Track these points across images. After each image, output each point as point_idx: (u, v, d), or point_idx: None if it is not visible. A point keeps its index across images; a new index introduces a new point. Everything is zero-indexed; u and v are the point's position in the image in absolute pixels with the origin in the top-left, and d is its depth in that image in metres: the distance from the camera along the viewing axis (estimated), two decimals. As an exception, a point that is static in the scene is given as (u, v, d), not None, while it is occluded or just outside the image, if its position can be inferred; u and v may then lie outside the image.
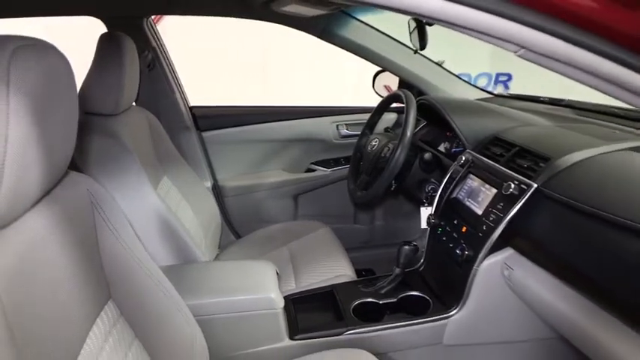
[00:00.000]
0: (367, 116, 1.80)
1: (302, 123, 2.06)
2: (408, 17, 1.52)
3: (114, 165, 1.26)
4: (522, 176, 1.14)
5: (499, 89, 4.54)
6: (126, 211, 1.22)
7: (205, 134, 1.98)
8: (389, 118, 2.05)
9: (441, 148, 1.69)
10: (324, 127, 2.07)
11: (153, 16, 1.77)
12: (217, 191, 2.02)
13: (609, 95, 0.56)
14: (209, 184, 1.99)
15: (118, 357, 0.84)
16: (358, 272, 1.57)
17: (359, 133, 1.81)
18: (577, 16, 0.42)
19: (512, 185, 1.12)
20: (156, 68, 1.76)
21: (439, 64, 1.94)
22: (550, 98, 1.77)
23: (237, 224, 2.07)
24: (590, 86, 0.56)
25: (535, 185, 1.08)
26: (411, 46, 1.74)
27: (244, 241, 1.91)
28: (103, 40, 1.30)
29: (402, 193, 2.05)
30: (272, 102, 2.13)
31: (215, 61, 4.21)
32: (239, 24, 1.81)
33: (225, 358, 1.15)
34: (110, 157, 1.26)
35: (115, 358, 0.83)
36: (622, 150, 1.13)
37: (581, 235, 0.98)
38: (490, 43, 0.48)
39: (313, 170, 2.13)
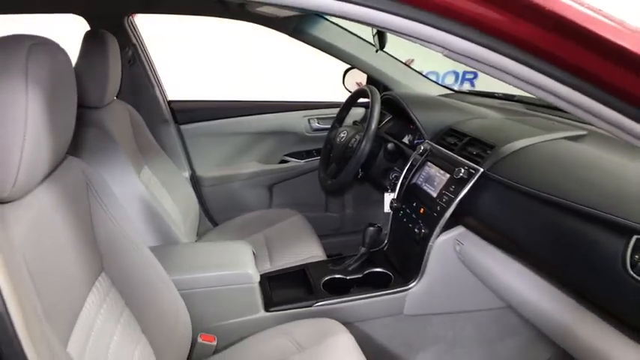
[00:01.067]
0: (337, 110, 1.92)
1: (276, 117, 2.17)
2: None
3: (100, 153, 1.35)
4: (471, 162, 1.28)
5: (466, 86, 4.74)
6: (113, 195, 1.31)
7: (183, 127, 2.07)
8: (358, 113, 2.17)
9: (405, 140, 1.82)
10: (296, 120, 2.19)
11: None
12: (195, 181, 2.11)
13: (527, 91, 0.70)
14: (187, 174, 2.08)
15: (111, 322, 0.94)
16: (329, 257, 1.68)
17: (329, 126, 1.94)
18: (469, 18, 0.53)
19: (462, 170, 1.26)
20: (136, 64, 1.84)
21: (405, 63, 2.08)
22: (504, 94, 1.93)
23: (215, 213, 2.16)
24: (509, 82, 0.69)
25: (481, 170, 1.23)
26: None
27: (221, 228, 2.01)
28: (89, 38, 1.39)
29: (368, 181, 2.17)
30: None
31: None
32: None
33: (206, 329, 1.25)
34: (96, 146, 1.35)
35: (108, 323, 0.93)
36: (558, 139, 1.29)
37: (520, 213, 1.12)
38: (418, 43, 0.60)
39: (287, 161, 2.24)
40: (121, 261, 0.99)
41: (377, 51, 1.65)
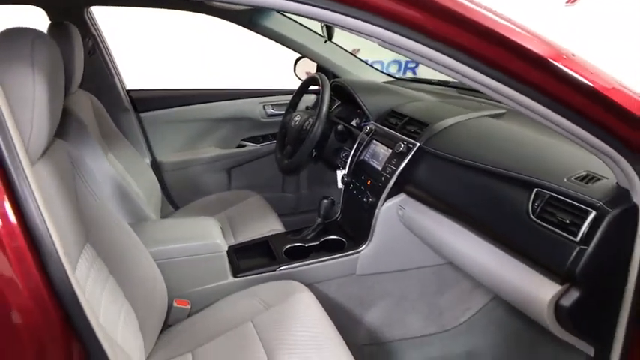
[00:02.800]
0: (290, 97, 2.07)
1: (232, 104, 2.29)
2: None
3: (72, 137, 1.44)
4: (410, 138, 1.48)
5: (408, 74, 5.00)
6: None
7: (143, 115, 2.15)
8: (310, 99, 2.33)
9: (354, 122, 2.00)
10: (252, 107, 2.32)
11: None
12: (156, 167, 2.19)
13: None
14: (148, 160, 2.17)
15: (99, 286, 1.05)
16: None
17: (283, 112, 2.09)
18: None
19: (402, 145, 1.46)
20: (96, 54, 1.91)
21: (352, 53, 2.26)
22: (439, 80, 2.16)
23: (176, 197, 2.26)
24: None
25: (418, 144, 1.43)
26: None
27: (183, 211, 2.12)
28: (53, 29, 1.46)
29: (322, 161, 2.33)
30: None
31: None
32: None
33: (180, 294, 1.38)
34: (68, 130, 1.44)
35: (97, 285, 1.04)
36: (482, 116, 1.51)
37: (450, 178, 1.32)
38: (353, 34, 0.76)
39: (244, 146, 2.37)
40: (103, 234, 1.11)
41: (326, 42, 1.81)
